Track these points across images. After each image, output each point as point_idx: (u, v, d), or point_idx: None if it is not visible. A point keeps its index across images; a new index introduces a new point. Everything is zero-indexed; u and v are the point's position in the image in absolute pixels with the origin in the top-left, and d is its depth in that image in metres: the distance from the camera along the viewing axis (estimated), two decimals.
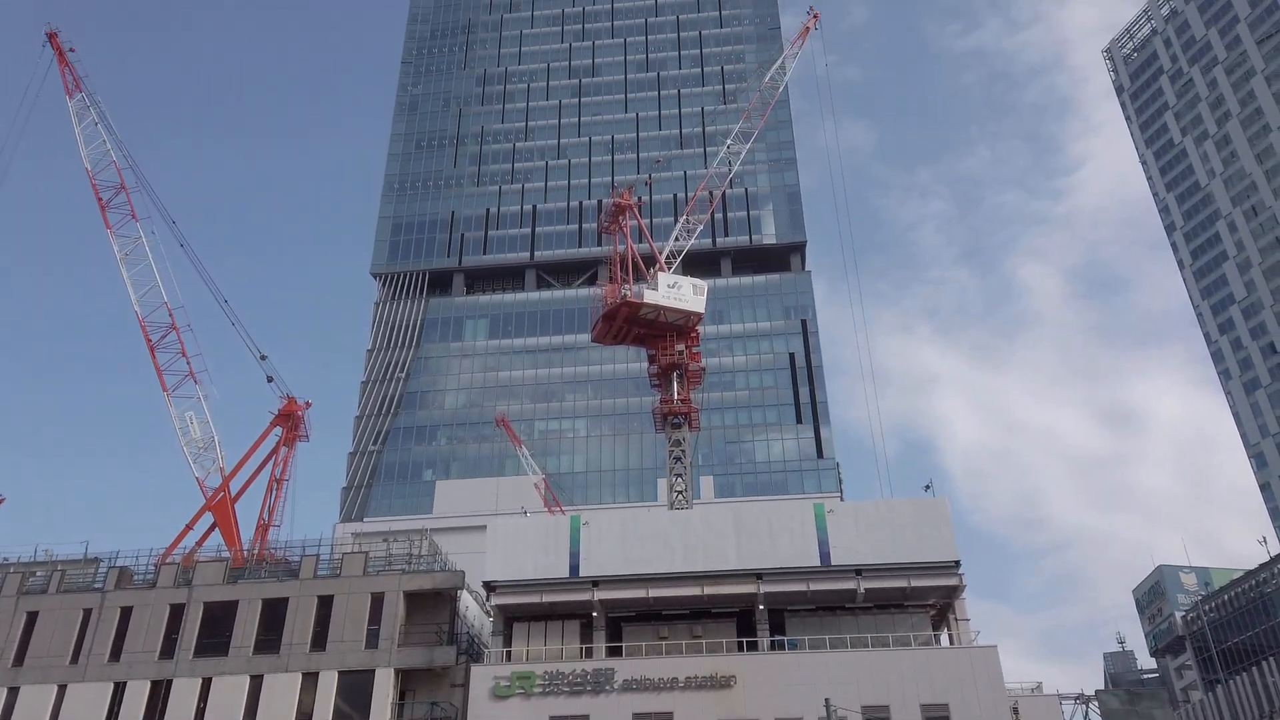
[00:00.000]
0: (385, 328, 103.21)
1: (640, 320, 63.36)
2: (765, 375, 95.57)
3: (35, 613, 47.05)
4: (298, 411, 64.41)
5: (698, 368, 64.54)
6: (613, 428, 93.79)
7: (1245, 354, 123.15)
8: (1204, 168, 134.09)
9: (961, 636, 45.75)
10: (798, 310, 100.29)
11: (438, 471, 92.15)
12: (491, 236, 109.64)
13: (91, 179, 64.87)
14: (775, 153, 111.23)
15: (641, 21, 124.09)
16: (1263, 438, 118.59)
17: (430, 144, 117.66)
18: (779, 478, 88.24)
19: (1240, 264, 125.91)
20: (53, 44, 67.88)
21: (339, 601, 46.17)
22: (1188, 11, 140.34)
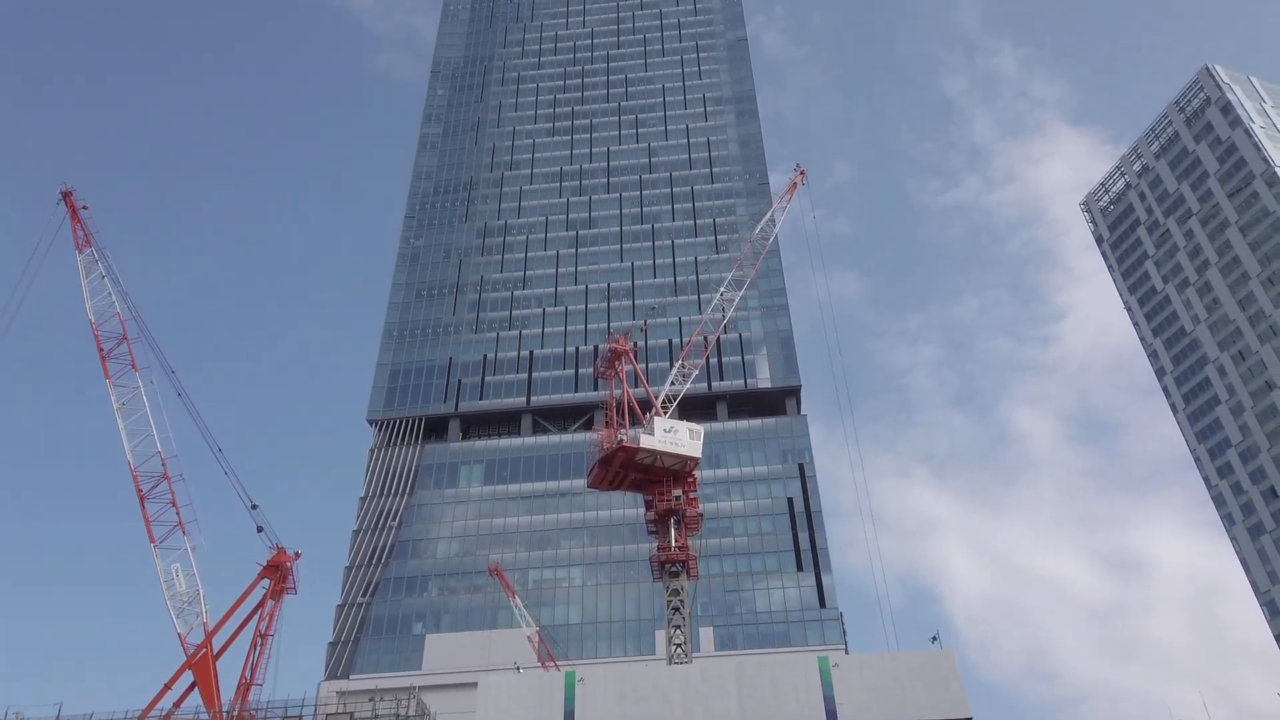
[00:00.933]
0: (380, 474, 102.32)
1: (637, 465, 62.93)
2: (764, 521, 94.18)
3: None
4: (286, 562, 62.87)
5: (695, 513, 63.65)
6: (609, 576, 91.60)
7: (1247, 498, 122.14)
8: (1188, 314, 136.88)
9: None
10: (795, 454, 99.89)
11: (428, 624, 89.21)
12: (489, 382, 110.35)
13: (95, 331, 65.68)
14: (768, 299, 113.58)
15: (636, 178, 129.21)
16: (1273, 584, 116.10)
17: (430, 293, 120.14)
18: (781, 628, 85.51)
19: (1233, 408, 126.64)
20: (67, 203, 70.08)
21: None
22: (1159, 167, 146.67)
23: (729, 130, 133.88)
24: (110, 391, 63.79)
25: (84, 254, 68.81)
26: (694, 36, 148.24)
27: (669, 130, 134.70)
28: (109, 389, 63.91)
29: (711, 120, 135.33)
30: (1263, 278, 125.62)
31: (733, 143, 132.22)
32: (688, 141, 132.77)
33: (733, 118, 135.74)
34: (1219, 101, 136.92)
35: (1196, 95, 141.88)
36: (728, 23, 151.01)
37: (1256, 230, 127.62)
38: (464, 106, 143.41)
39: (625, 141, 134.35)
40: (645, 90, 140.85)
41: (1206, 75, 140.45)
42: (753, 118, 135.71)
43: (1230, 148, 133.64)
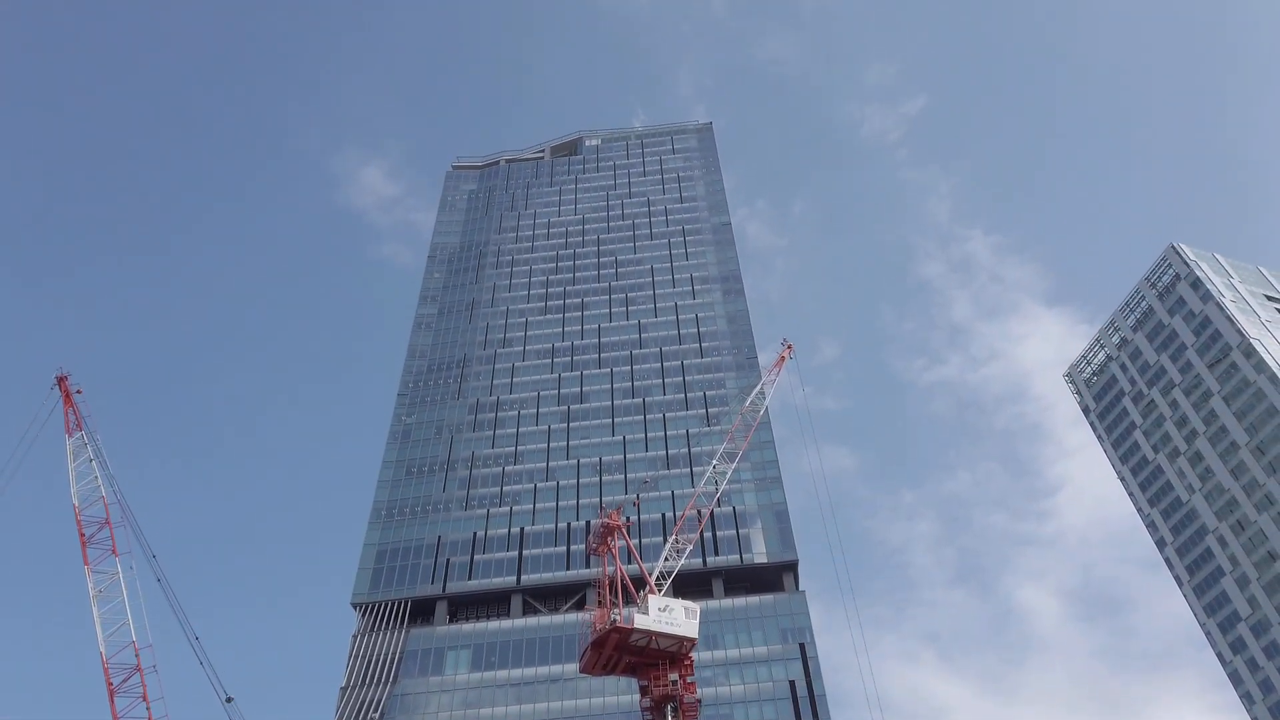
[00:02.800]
0: (362, 661, 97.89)
1: (631, 648, 60.64)
2: (765, 707, 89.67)
3: None
4: None
5: (693, 699, 60.77)
6: None
7: (1264, 675, 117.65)
8: (1182, 483, 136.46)
9: None
10: (795, 634, 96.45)
11: None
12: (478, 561, 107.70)
13: (78, 515, 64.53)
14: (761, 472, 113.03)
15: (626, 353, 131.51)
16: None
17: (420, 470, 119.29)
18: None
19: (1238, 580, 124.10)
20: (61, 387, 70.39)
21: None
22: (1137, 340, 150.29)
23: (716, 307, 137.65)
24: (88, 579, 61.91)
25: (74, 438, 68.57)
26: (680, 222, 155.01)
27: (658, 308, 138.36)
28: (87, 575, 62.05)
29: (699, 298, 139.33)
30: (1252, 446, 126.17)
31: (720, 319, 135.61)
32: (676, 318, 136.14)
33: (719, 295, 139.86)
34: (1188, 277, 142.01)
35: (1165, 271, 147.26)
36: (712, 209, 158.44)
37: (1240, 400, 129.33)
38: (459, 288, 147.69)
39: (616, 319, 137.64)
40: (634, 271, 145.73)
41: (1173, 253, 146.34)
42: (739, 296, 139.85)
43: (1204, 321, 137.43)
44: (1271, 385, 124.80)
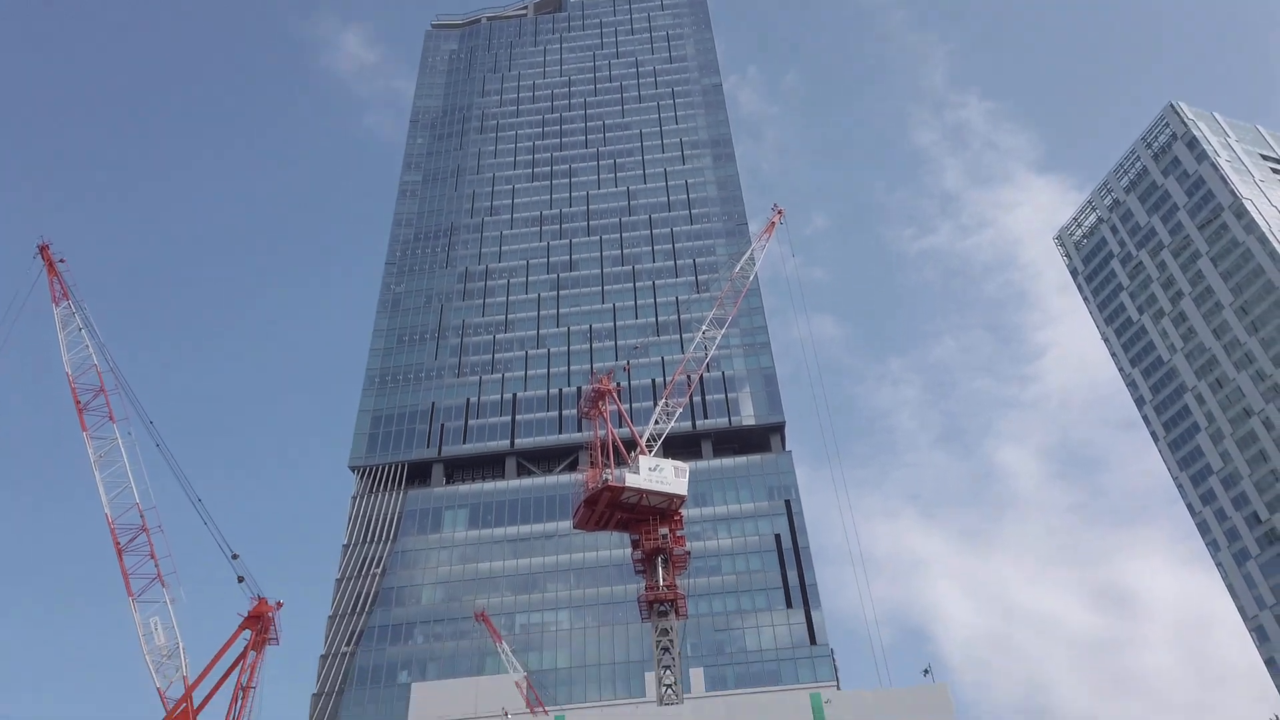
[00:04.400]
0: (362, 522, 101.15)
1: (622, 505, 62.67)
2: (752, 558, 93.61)
3: None
4: (268, 613, 61.64)
5: (683, 551, 63.31)
6: (597, 618, 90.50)
7: (1230, 524, 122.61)
8: (1164, 343, 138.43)
9: None
10: (781, 491, 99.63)
11: (414, 672, 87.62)
12: (472, 426, 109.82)
13: (71, 383, 64.94)
14: (750, 337, 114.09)
15: (616, 220, 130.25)
16: (1260, 609, 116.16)
17: (412, 338, 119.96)
18: (771, 667, 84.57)
19: (1213, 435, 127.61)
20: (44, 256, 69.59)
21: None
22: (1129, 201, 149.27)
23: (706, 173, 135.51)
24: (87, 444, 62.93)
25: (61, 307, 68.28)
26: (669, 84, 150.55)
27: (647, 174, 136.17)
28: (86, 441, 63.06)
29: (689, 163, 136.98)
30: (1235, 306, 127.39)
31: (710, 184, 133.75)
32: (666, 184, 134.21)
33: (710, 160, 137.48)
34: (1185, 137, 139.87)
35: (1163, 131, 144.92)
36: (702, 70, 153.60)
37: (1227, 260, 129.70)
38: (443, 154, 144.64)
39: (604, 185, 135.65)
40: (623, 135, 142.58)
41: (1171, 112, 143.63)
42: (730, 160, 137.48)
43: (1198, 181, 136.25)
44: (1260, 245, 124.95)
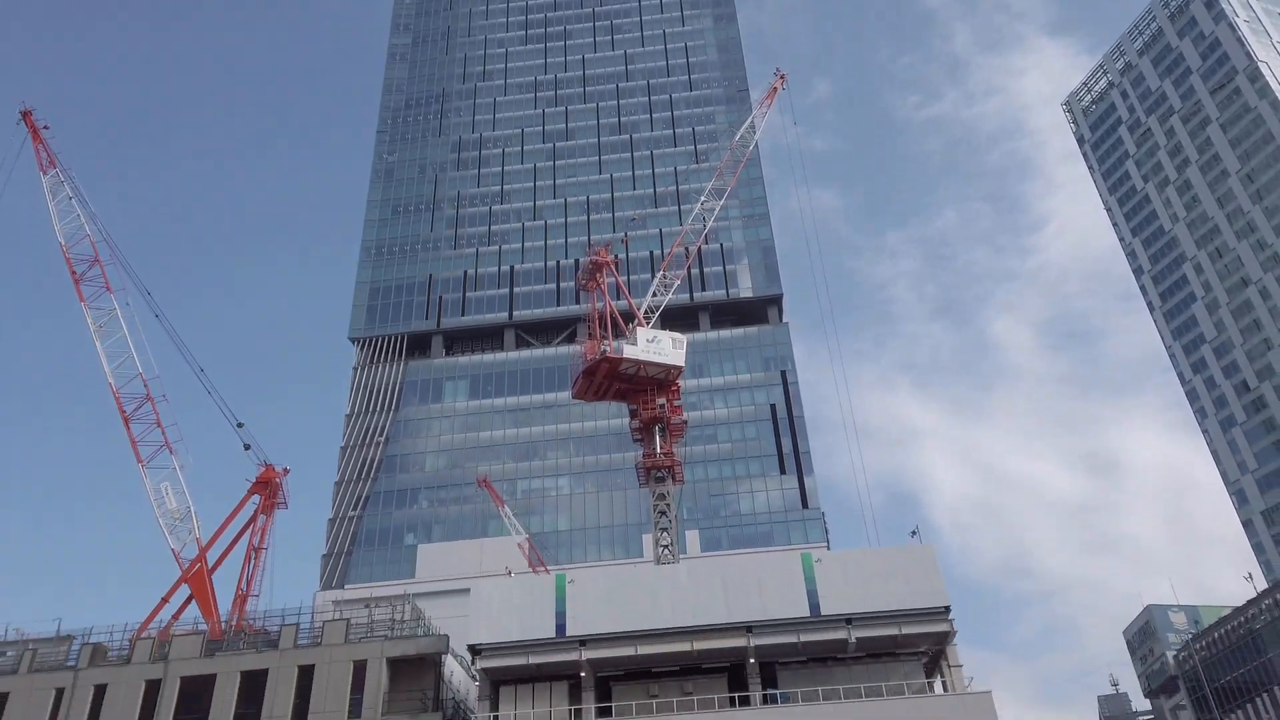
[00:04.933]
0: (364, 392, 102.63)
1: (620, 375, 63.44)
2: (747, 427, 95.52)
3: (5, 694, 45.57)
4: (275, 479, 63.50)
5: (679, 421, 64.51)
6: (596, 484, 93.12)
7: (1219, 392, 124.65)
8: (1167, 213, 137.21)
9: (955, 683, 45.15)
10: (777, 362, 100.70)
11: (419, 535, 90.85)
12: (470, 298, 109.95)
13: (65, 253, 64.64)
14: (749, 208, 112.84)
15: (613, 87, 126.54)
16: (1242, 474, 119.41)
17: (407, 209, 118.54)
18: (764, 529, 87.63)
19: (1209, 304, 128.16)
20: (27, 122, 68.07)
21: (320, 671, 45.07)
22: (1142, 65, 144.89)
23: (707, 35, 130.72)
24: (86, 315, 63.18)
25: (49, 175, 67.23)
26: None
27: (645, 36, 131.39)
28: (85, 312, 63.29)
29: (689, 25, 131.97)
30: (1241, 174, 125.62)
31: (711, 48, 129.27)
32: (665, 48, 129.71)
33: (710, 22, 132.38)
34: None
35: None
36: None
37: (1237, 127, 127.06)
38: (433, 15, 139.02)
39: (601, 49, 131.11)
40: None
41: None
42: (731, 22, 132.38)
43: (1214, 43, 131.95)
44: (1271, 110, 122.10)
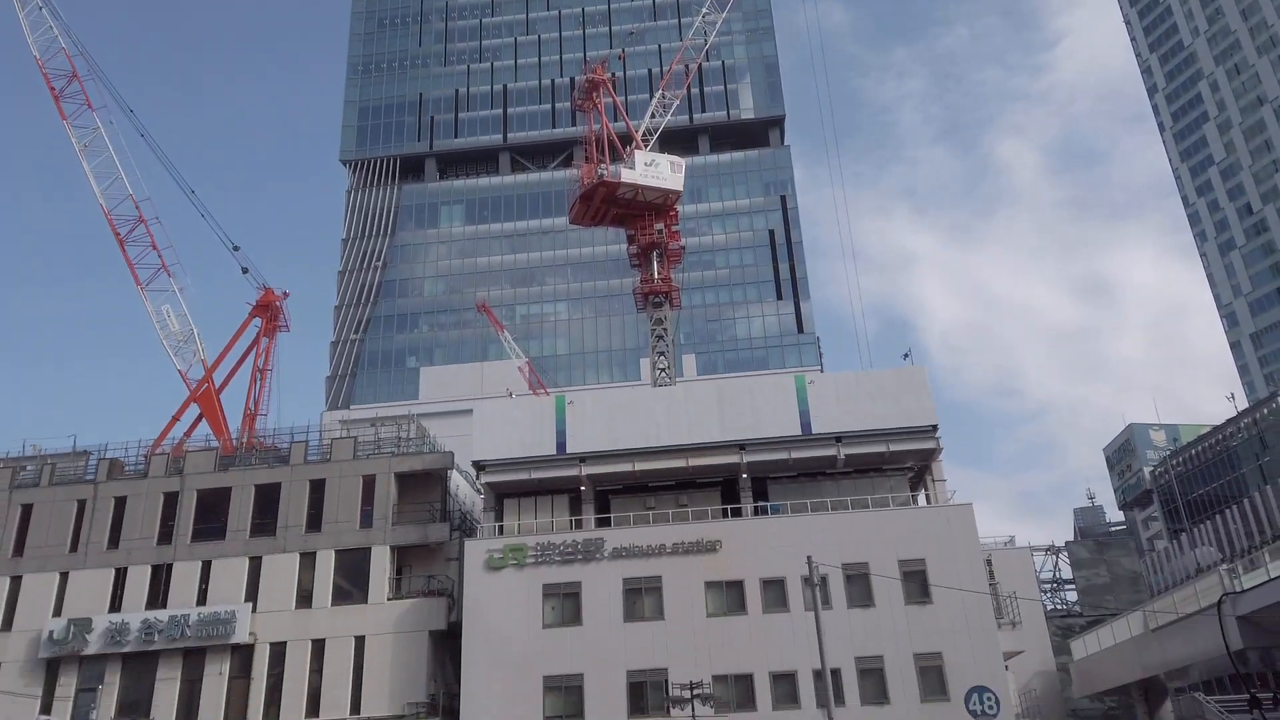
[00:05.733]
0: (359, 216, 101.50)
1: (618, 200, 62.72)
2: (745, 253, 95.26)
3: (30, 505, 47.73)
4: (275, 302, 63.95)
5: (677, 246, 64.34)
6: (594, 310, 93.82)
7: (1222, 215, 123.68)
8: (1188, 26, 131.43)
9: (938, 496, 47.27)
10: (777, 186, 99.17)
11: (421, 358, 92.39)
12: (462, 119, 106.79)
13: (41, 67, 62.19)
14: (752, 22, 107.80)
15: None
16: (1235, 297, 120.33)
17: (393, 22, 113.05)
18: (760, 354, 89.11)
19: (1220, 124, 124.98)
20: None
21: (331, 485, 47.01)
22: None
23: None
24: (70, 133, 61.55)
25: None
26: None
27: None
28: (68, 130, 61.64)
29: None
30: None
31: None
32: None
33: None
34: None
35: None
36: None
37: None
38: None
39: None
40: None
41: None
42: None
43: None
44: None
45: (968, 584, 40.78)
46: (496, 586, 43.71)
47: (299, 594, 44.75)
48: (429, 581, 45.56)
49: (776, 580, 42.79)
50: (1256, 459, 65.20)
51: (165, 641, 43.55)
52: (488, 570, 44.06)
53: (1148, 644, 41.62)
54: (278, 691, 42.99)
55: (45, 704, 42.60)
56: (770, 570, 42.88)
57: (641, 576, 43.69)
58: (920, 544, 42.82)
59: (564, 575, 43.93)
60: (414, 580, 45.98)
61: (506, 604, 43.25)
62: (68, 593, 45.47)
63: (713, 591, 43.25)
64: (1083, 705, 59.12)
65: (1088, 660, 49.08)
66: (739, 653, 41.71)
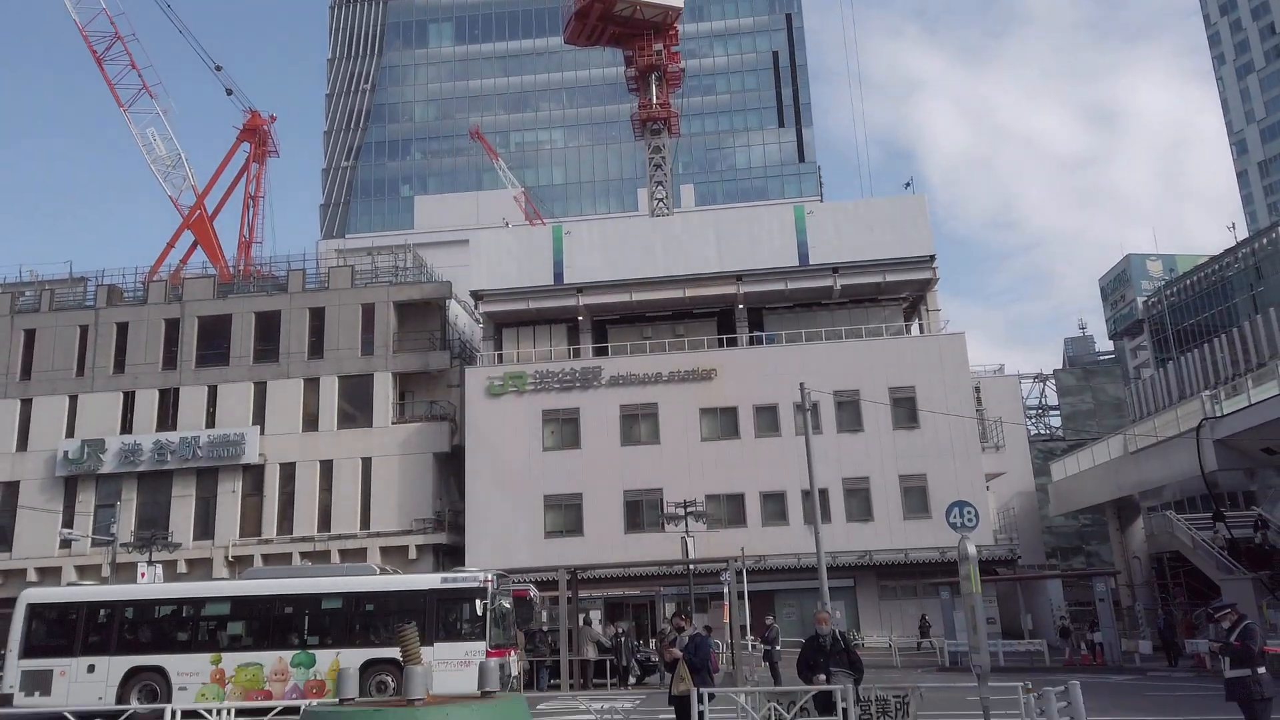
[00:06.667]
0: (344, 35, 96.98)
1: (615, 17, 59.99)
2: (747, 77, 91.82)
3: (33, 330, 48.28)
4: (263, 126, 62.30)
5: (677, 69, 62.15)
6: (591, 137, 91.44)
7: (1244, 36, 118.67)
8: None
9: (931, 326, 47.91)
10: (782, 3, 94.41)
11: (415, 187, 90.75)
12: None
13: None
14: None
15: None
16: (1248, 124, 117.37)
17: None
18: (759, 183, 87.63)
19: None
20: None
21: (330, 313, 47.43)
22: None
23: None
24: None
25: None
26: None
27: None
28: None
29: None
30: None
31: None
32: None
33: None
34: None
35: None
36: None
37: None
38: None
39: None
40: None
41: None
42: None
43: None
44: None
45: (956, 410, 41.99)
46: (497, 412, 44.95)
47: (305, 417, 46.02)
48: (431, 407, 46.76)
49: (769, 407, 44.02)
50: (1250, 289, 65.47)
51: (178, 462, 45.15)
52: (489, 396, 45.17)
53: (1125, 466, 43.30)
54: (290, 508, 45.00)
55: (67, 519, 44.66)
56: (763, 397, 44.00)
57: (638, 403, 44.87)
58: (911, 372, 43.77)
59: (563, 402, 45.09)
60: (416, 406, 47.20)
61: (507, 428, 44.62)
62: (78, 415, 46.70)
63: (707, 417, 44.56)
64: (1058, 523, 62.17)
65: (1066, 481, 51.21)
66: (731, 474, 43.46)
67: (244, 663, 23.09)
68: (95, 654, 23.65)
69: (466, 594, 23.28)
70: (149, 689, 23.07)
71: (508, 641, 24.72)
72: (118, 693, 22.85)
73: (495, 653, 23.01)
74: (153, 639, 24.24)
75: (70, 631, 24.10)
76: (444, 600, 23.44)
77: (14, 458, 46.37)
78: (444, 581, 23.84)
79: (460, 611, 23.35)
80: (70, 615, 24.40)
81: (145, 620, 24.66)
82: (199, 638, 24.30)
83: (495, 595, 23.52)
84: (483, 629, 22.94)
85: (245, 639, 23.88)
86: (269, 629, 23.87)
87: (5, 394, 47.14)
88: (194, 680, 23.00)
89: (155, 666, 23.40)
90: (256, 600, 24.14)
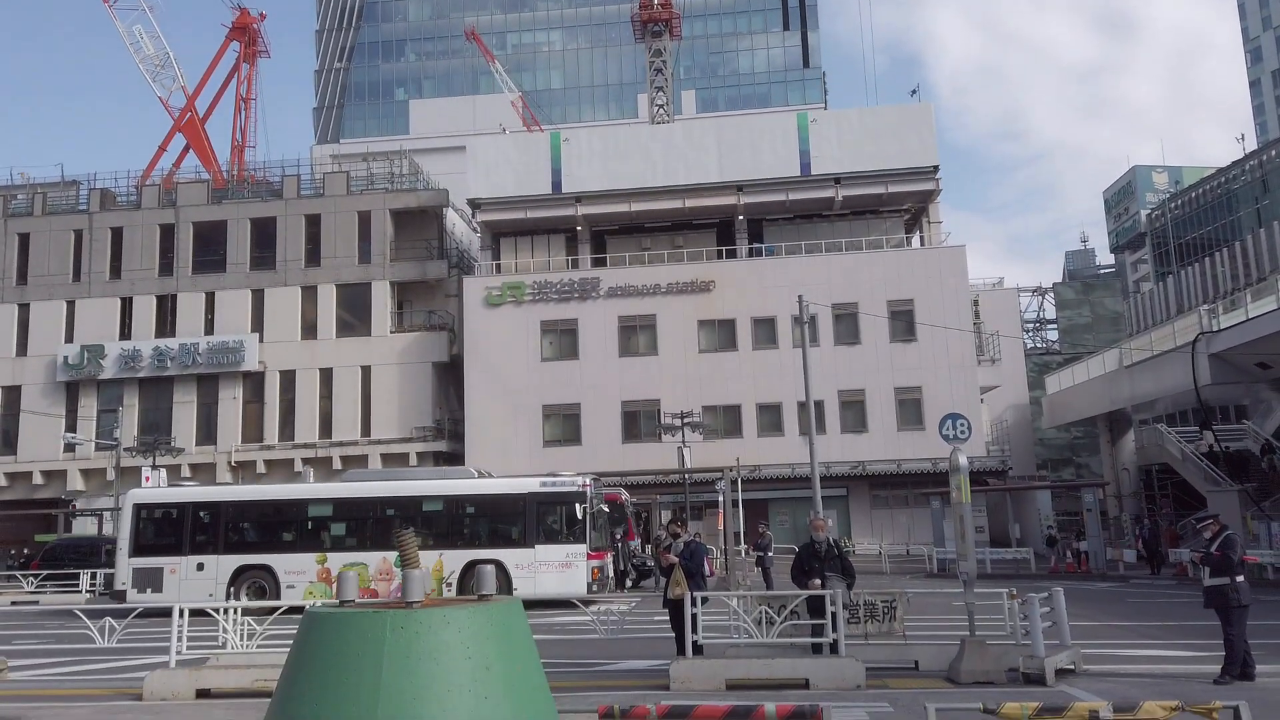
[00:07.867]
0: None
1: None
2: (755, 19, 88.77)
3: (27, 234, 47.88)
4: (252, 24, 60.50)
5: None
6: (590, 39, 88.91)
7: None
8: None
9: (933, 239, 47.56)
10: None
11: (410, 90, 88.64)
12: None
13: None
14: None
15: None
16: (1264, 30, 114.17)
17: None
18: (763, 90, 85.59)
19: None
20: None
21: (327, 220, 46.97)
22: None
23: None
24: None
25: None
26: None
27: None
28: None
29: None
30: None
31: None
32: None
33: None
34: None
35: None
36: None
37: None
38: None
39: None
40: None
41: None
42: None
43: None
44: None
45: (953, 324, 42.01)
46: (496, 322, 44.96)
47: (304, 325, 46.05)
48: (430, 316, 46.76)
49: (767, 319, 44.04)
50: (1256, 202, 64.70)
51: (178, 368, 45.37)
52: (487, 306, 45.12)
53: (1119, 379, 43.59)
54: (291, 415, 45.42)
55: (69, 423, 45.11)
56: (762, 310, 43.99)
57: (636, 315, 44.87)
58: (910, 285, 43.64)
59: (561, 313, 45.07)
60: (415, 315, 47.19)
61: (506, 338, 44.70)
62: (76, 321, 46.70)
63: (705, 329, 44.62)
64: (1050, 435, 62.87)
65: (1060, 394, 51.62)
66: (728, 385, 43.75)
67: (350, 562, 23.15)
68: (203, 553, 24.04)
69: (566, 498, 23.66)
70: (258, 586, 23.49)
71: (606, 544, 25.30)
72: (226, 590, 23.26)
73: (595, 555, 23.64)
74: (259, 538, 24.67)
75: (178, 530, 24.51)
76: (543, 504, 23.81)
77: (14, 362, 46.56)
78: (543, 485, 24.06)
79: (560, 514, 23.76)
80: (177, 515, 24.83)
81: (251, 520, 25.03)
82: (304, 538, 24.57)
83: (594, 499, 23.94)
84: (583, 531, 23.40)
85: (349, 539, 24.28)
86: (373, 530, 24.23)
87: (3, 298, 47.06)
88: (301, 579, 23.39)
89: (263, 565, 23.83)
90: (360, 501, 24.45)
